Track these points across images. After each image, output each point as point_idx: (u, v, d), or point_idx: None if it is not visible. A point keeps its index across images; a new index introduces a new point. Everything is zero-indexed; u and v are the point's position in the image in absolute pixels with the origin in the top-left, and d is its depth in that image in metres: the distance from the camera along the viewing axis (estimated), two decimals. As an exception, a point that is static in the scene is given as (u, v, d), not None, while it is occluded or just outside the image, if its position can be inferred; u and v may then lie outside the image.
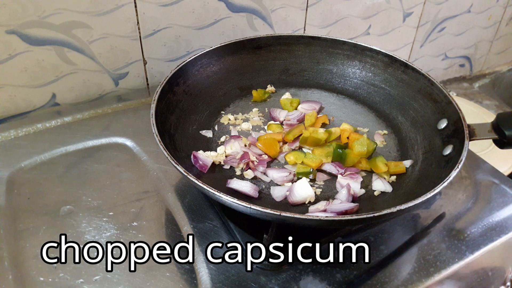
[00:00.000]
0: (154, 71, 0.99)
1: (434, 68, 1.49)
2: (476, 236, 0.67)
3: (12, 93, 0.87)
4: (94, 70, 0.92)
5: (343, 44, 0.88)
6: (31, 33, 0.82)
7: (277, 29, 1.08)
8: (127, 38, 0.91)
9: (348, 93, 0.89)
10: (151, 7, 0.90)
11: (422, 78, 0.79)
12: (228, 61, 0.87)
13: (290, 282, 0.59)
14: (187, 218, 0.67)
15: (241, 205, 0.54)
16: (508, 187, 0.77)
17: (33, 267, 0.60)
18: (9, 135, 0.82)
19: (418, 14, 1.28)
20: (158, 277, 0.59)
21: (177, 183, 0.74)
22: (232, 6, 0.98)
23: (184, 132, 0.76)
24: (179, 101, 0.78)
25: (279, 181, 0.70)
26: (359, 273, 0.61)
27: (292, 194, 0.66)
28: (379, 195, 0.69)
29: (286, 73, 0.92)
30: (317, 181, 0.71)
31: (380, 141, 0.79)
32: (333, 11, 1.13)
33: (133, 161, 0.78)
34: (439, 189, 0.57)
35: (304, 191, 0.66)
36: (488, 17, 1.45)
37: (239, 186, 0.67)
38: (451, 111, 0.72)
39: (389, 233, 0.67)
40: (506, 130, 0.66)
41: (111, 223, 0.66)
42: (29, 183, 0.72)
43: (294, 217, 0.53)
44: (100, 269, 0.60)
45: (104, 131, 0.83)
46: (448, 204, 0.73)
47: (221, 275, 0.59)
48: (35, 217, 0.66)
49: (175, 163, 0.59)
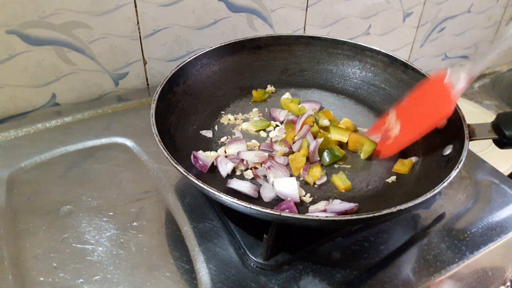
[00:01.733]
0: (154, 71, 0.99)
1: (434, 68, 1.49)
2: (476, 236, 0.67)
3: (12, 93, 0.87)
4: (94, 70, 0.92)
5: (343, 44, 0.88)
6: (31, 33, 0.82)
7: (277, 29, 1.08)
8: (127, 38, 0.91)
9: (348, 93, 0.89)
10: (151, 7, 0.90)
11: (422, 78, 0.79)
12: (228, 61, 0.87)
13: (290, 282, 0.59)
14: (187, 218, 0.67)
15: (241, 205, 0.54)
16: (508, 187, 0.77)
17: (33, 267, 0.60)
18: (9, 135, 0.82)
19: (418, 14, 1.28)
20: (158, 277, 0.59)
21: (177, 183, 0.74)
22: (232, 6, 0.98)
23: (184, 132, 0.76)
24: (179, 101, 0.78)
25: None
26: (359, 273, 0.61)
27: (282, 195, 0.66)
28: (378, 195, 0.69)
29: (286, 73, 0.92)
30: (316, 182, 0.71)
31: (380, 141, 0.79)
32: (333, 11, 1.13)
33: (133, 161, 0.77)
34: (439, 189, 0.57)
35: (290, 188, 0.66)
36: (488, 17, 1.45)
37: (239, 186, 0.67)
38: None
39: (389, 233, 0.67)
40: (506, 130, 0.66)
41: (111, 223, 0.66)
42: (29, 183, 0.72)
43: (294, 217, 0.53)
44: (100, 269, 0.60)
45: (104, 131, 0.83)
46: (448, 204, 0.73)
47: (221, 275, 0.59)
48: (35, 217, 0.66)
49: (175, 163, 0.59)
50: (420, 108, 0.69)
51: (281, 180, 0.67)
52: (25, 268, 0.60)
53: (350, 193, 0.69)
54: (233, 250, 0.63)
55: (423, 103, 0.69)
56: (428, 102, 0.69)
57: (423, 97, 0.70)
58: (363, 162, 0.75)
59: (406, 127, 0.72)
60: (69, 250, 0.62)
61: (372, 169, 0.74)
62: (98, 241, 0.63)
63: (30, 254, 0.61)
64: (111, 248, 0.62)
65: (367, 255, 0.63)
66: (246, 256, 0.62)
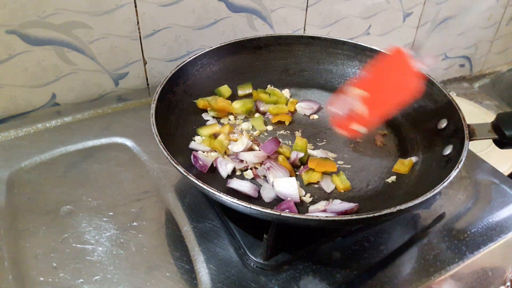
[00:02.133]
0: (154, 71, 0.99)
1: (434, 68, 1.49)
2: (476, 236, 0.67)
3: (12, 93, 0.87)
4: (94, 70, 0.92)
5: (343, 44, 0.88)
6: (31, 33, 0.82)
7: (277, 29, 1.08)
8: (127, 38, 0.91)
9: (348, 93, 0.89)
10: (151, 7, 0.90)
11: (422, 78, 0.79)
12: (228, 61, 0.87)
13: (290, 282, 0.59)
14: (187, 218, 0.67)
15: (241, 205, 0.54)
16: (508, 187, 0.77)
17: (33, 267, 0.60)
18: (9, 135, 0.82)
19: (418, 14, 1.28)
20: (158, 277, 0.59)
21: (177, 183, 0.74)
22: (232, 6, 0.98)
23: (184, 132, 0.76)
24: (179, 101, 0.78)
25: None
26: (359, 273, 0.61)
27: (282, 195, 0.66)
28: (378, 195, 0.69)
29: (286, 73, 0.92)
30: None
31: (380, 141, 0.79)
32: (333, 11, 1.13)
33: (133, 161, 0.77)
34: (439, 189, 0.57)
35: (288, 185, 0.66)
36: (488, 17, 1.45)
37: (239, 186, 0.67)
38: (451, 111, 0.72)
39: (389, 233, 0.67)
40: (506, 130, 0.66)
41: (111, 223, 0.66)
42: (29, 183, 0.72)
43: (294, 217, 0.53)
44: (100, 269, 0.60)
45: (104, 131, 0.83)
46: (448, 204, 0.73)
47: (221, 275, 0.59)
48: (35, 217, 0.66)
49: (175, 163, 0.59)
50: (387, 82, 0.69)
51: (281, 180, 0.67)
52: (25, 268, 0.60)
53: (350, 193, 0.69)
54: (233, 250, 0.63)
55: (389, 77, 0.69)
56: (394, 76, 0.68)
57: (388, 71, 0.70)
58: (363, 162, 0.75)
59: (376, 101, 0.71)
60: (69, 250, 0.62)
61: (372, 169, 0.74)
62: (98, 241, 0.63)
63: (30, 254, 0.61)
64: (111, 248, 0.62)
65: (367, 255, 0.63)
66: (246, 256, 0.62)
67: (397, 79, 0.68)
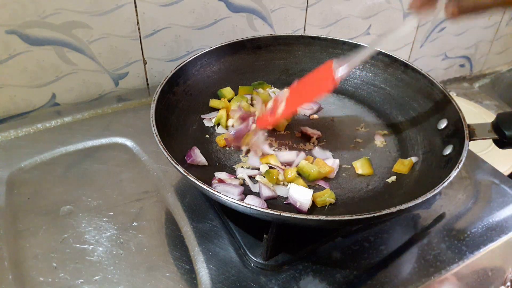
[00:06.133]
0: (154, 71, 0.99)
1: (434, 68, 1.49)
2: (476, 236, 0.67)
3: (12, 93, 0.87)
4: (94, 70, 0.92)
5: (343, 44, 0.88)
6: (31, 33, 0.82)
7: (277, 29, 1.08)
8: (127, 38, 0.91)
9: (348, 93, 0.89)
10: (151, 7, 0.90)
11: (422, 78, 0.79)
12: (228, 61, 0.87)
13: (290, 282, 0.59)
14: (187, 218, 0.67)
15: (241, 205, 0.54)
16: (508, 187, 0.77)
17: (33, 267, 0.60)
18: (9, 135, 0.82)
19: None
20: (158, 277, 0.59)
21: (177, 183, 0.74)
22: (232, 6, 0.98)
23: (184, 132, 0.76)
24: (179, 101, 0.78)
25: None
26: (359, 273, 0.61)
27: (292, 199, 0.66)
28: (378, 195, 0.69)
29: (286, 73, 0.92)
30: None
31: (380, 141, 0.79)
32: (333, 11, 1.13)
33: (133, 161, 0.77)
34: (439, 189, 0.57)
35: (303, 194, 0.66)
36: (488, 17, 1.45)
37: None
38: (451, 111, 0.72)
39: (389, 233, 0.67)
40: (506, 130, 0.66)
41: (111, 223, 0.66)
42: (29, 183, 0.72)
43: (294, 217, 0.53)
44: (100, 269, 0.60)
45: (104, 131, 0.83)
46: (448, 204, 0.73)
47: (221, 275, 0.59)
48: (35, 217, 0.66)
49: (175, 163, 0.59)
50: (308, 84, 0.74)
51: (299, 187, 0.67)
52: (25, 268, 0.60)
53: (350, 193, 0.69)
54: (233, 250, 0.63)
55: (311, 81, 0.74)
56: (315, 80, 0.73)
57: (312, 78, 0.74)
58: (363, 162, 0.75)
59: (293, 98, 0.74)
60: (69, 250, 0.62)
61: (372, 169, 0.74)
62: (98, 241, 0.63)
63: (30, 254, 0.61)
64: (111, 248, 0.62)
65: (367, 255, 0.63)
66: (246, 256, 0.62)
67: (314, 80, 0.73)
